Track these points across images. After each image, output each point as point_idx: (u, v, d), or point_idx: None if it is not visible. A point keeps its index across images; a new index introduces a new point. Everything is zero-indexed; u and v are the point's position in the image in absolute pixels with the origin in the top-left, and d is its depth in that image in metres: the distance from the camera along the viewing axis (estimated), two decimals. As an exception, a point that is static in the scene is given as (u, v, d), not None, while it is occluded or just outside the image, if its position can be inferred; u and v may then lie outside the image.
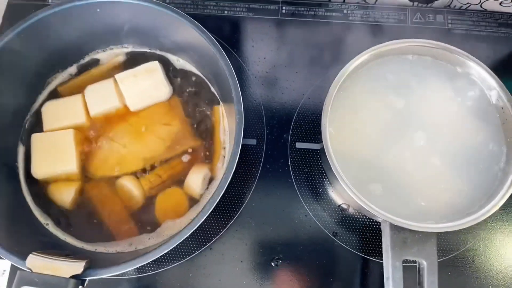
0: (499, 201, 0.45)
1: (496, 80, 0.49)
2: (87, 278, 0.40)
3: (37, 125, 0.54)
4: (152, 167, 0.53)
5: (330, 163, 0.46)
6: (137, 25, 0.53)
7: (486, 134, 0.50)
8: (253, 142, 0.59)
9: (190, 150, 0.54)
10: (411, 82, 0.52)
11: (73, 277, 0.39)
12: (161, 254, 0.41)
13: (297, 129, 0.59)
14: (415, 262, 0.47)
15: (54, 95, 0.56)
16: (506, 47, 0.63)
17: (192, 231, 0.41)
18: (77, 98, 0.54)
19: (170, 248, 0.41)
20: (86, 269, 0.40)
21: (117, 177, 0.52)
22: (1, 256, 0.41)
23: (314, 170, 0.58)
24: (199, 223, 0.41)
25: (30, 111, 0.55)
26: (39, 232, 0.50)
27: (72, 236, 0.50)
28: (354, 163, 0.49)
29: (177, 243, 0.41)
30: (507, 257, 0.54)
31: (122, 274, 0.53)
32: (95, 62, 0.58)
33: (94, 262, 0.42)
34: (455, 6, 0.66)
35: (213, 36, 0.63)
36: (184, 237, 0.41)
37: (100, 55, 0.58)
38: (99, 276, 0.40)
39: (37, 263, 0.39)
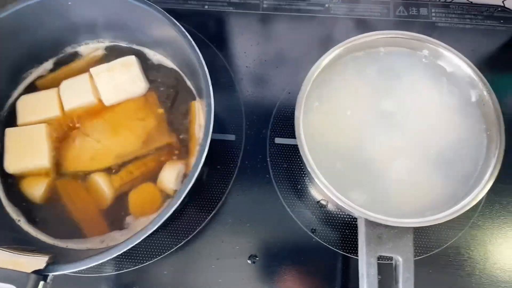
0: (476, 195, 0.44)
1: (475, 72, 0.48)
2: (50, 274, 0.39)
3: (13, 120, 0.53)
4: (126, 163, 0.52)
5: (303, 157, 0.46)
6: (112, 18, 0.52)
7: (465, 128, 0.49)
8: (231, 137, 0.58)
9: (165, 146, 0.53)
10: (389, 76, 0.51)
11: (35, 272, 0.38)
12: (125, 250, 0.40)
13: (277, 125, 0.58)
14: (391, 258, 0.46)
15: (32, 89, 0.55)
16: (492, 40, 0.62)
17: (157, 225, 0.40)
18: (53, 92, 0.54)
19: (134, 243, 0.40)
20: (48, 264, 0.39)
21: (90, 173, 0.51)
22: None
23: (293, 166, 0.57)
24: (166, 217, 0.41)
25: (6, 106, 0.54)
26: (10, 228, 0.49)
27: (43, 232, 0.49)
28: (329, 158, 0.48)
29: (142, 238, 0.40)
30: (490, 254, 0.52)
31: (98, 272, 0.52)
32: (75, 57, 0.57)
33: (63, 258, 0.41)
34: (439, -1, 0.65)
35: (194, 31, 0.62)
36: (149, 232, 0.40)
37: (79, 49, 0.57)
38: (61, 272, 0.39)
39: (1, 258, 0.39)
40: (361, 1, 0.64)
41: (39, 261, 0.39)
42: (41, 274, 0.38)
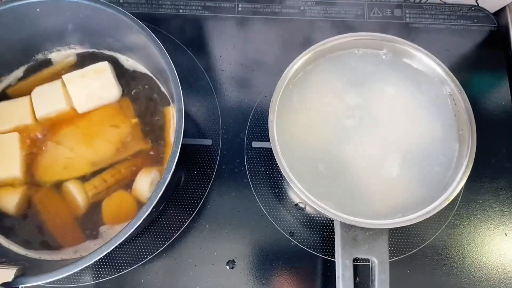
0: (449, 195, 0.44)
1: (446, 71, 0.48)
2: (19, 286, 0.38)
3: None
4: (100, 171, 0.51)
5: (277, 161, 0.45)
6: (82, 24, 0.52)
7: (438, 127, 0.49)
8: (208, 142, 0.57)
9: (139, 153, 0.52)
10: (362, 77, 0.51)
11: (3, 285, 0.37)
12: (97, 259, 0.39)
13: (254, 128, 0.58)
14: (368, 260, 0.46)
15: (3, 98, 0.54)
16: (466, 39, 0.63)
17: (129, 233, 0.40)
18: (25, 99, 0.53)
19: (106, 252, 0.39)
20: (17, 276, 0.38)
21: (64, 182, 0.51)
22: None
23: (270, 170, 0.56)
24: (138, 224, 0.40)
25: (-25, 115, 0.53)
26: (-19, 240, 0.48)
27: (15, 243, 0.49)
28: (304, 160, 0.48)
29: (113, 247, 0.39)
30: (467, 252, 0.52)
31: (76, 282, 0.51)
32: (46, 64, 0.56)
33: (36, 269, 0.40)
34: (413, 0, 0.65)
35: (169, 36, 0.62)
36: (121, 240, 0.39)
37: (50, 56, 0.57)
38: (31, 284, 0.38)
39: (-34, 271, 0.38)
40: (336, 3, 0.64)
41: (6, 273, 0.38)
42: (10, 287, 0.37)
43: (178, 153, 0.42)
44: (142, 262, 0.52)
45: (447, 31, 0.63)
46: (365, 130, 0.49)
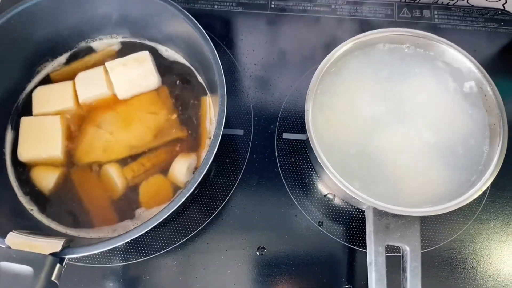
0: (482, 186, 0.45)
1: (477, 66, 0.50)
2: (66, 257, 0.40)
3: (28, 110, 0.55)
4: (138, 156, 0.53)
5: (313, 148, 0.47)
6: (127, 14, 0.54)
7: (470, 122, 0.50)
8: (240, 132, 0.59)
9: (176, 140, 0.54)
10: (393, 72, 0.52)
11: (52, 254, 0.39)
12: (140, 234, 0.40)
13: (284, 120, 0.60)
14: (399, 250, 0.47)
15: (46, 82, 0.57)
16: (492, 41, 0.64)
17: (171, 211, 0.41)
18: (68, 84, 0.55)
19: (149, 227, 0.40)
20: (64, 247, 0.40)
21: (102, 164, 0.52)
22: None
23: (300, 161, 0.58)
24: (179, 204, 0.42)
25: (20, 97, 0.56)
26: (24, 217, 0.50)
27: (55, 221, 0.50)
28: (338, 150, 0.49)
29: (156, 224, 0.41)
30: (494, 248, 0.53)
31: (107, 262, 0.53)
32: (88, 51, 0.59)
33: (75, 244, 0.42)
34: (442, 2, 0.67)
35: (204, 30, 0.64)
36: (163, 218, 0.41)
37: (93, 44, 0.59)
38: (77, 255, 0.40)
39: (17, 240, 0.39)
40: (366, 3, 0.66)
41: (55, 244, 0.39)
42: (57, 257, 0.39)
43: (221, 136, 0.44)
44: (175, 245, 0.53)
45: (474, 32, 0.64)
46: (396, 122, 0.50)
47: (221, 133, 0.44)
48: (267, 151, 0.58)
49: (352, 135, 0.50)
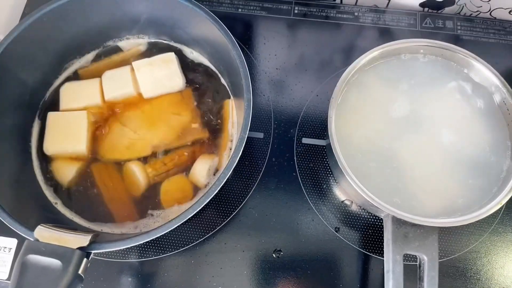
0: (502, 199, 0.45)
1: (501, 81, 0.50)
2: (93, 251, 0.41)
3: (54, 105, 0.56)
4: (161, 155, 0.54)
5: (334, 153, 0.47)
6: (155, 15, 0.55)
7: (491, 135, 0.50)
8: (260, 135, 0.60)
9: (198, 141, 0.55)
10: (419, 82, 0.53)
11: (79, 248, 0.40)
12: (165, 232, 0.41)
13: (304, 125, 0.60)
14: (416, 259, 0.47)
15: (73, 78, 0.58)
16: (515, 55, 0.64)
17: (196, 211, 0.42)
18: (95, 81, 0.56)
19: (175, 226, 0.41)
20: (91, 242, 0.41)
21: (125, 161, 0.53)
22: (11, 227, 0.42)
23: (319, 166, 0.58)
24: (203, 204, 0.42)
25: (48, 92, 0.57)
26: (48, 210, 0.51)
27: (78, 215, 0.51)
28: (359, 158, 0.50)
29: (181, 222, 0.42)
30: (509, 260, 0.53)
31: (125, 258, 0.54)
32: (115, 50, 0.60)
33: (99, 240, 0.43)
34: (465, 13, 0.67)
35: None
36: (188, 217, 0.42)
37: (120, 43, 0.60)
38: (104, 250, 0.41)
39: (45, 234, 0.40)
40: (389, 11, 0.66)
41: (82, 239, 0.40)
42: (85, 251, 0.40)
43: (246, 139, 0.44)
44: (193, 243, 0.54)
45: (496, 45, 0.65)
46: (417, 132, 0.51)
47: (246, 136, 0.44)
48: (286, 155, 0.59)
49: (372, 143, 0.50)
